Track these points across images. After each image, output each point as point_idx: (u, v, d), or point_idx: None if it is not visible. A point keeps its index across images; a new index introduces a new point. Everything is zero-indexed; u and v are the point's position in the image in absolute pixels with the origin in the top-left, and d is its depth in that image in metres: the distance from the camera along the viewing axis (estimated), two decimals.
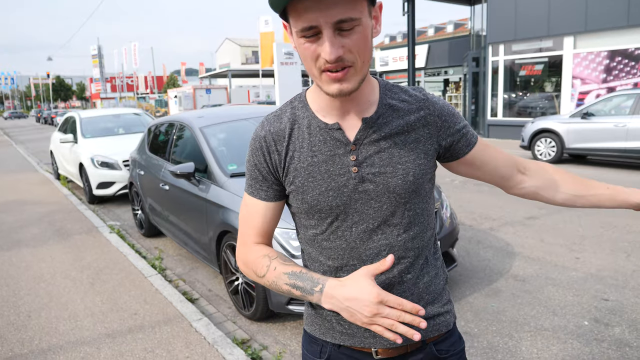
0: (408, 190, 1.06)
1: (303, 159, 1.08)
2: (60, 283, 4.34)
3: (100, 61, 42.10)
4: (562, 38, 13.19)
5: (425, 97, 1.12)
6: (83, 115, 9.48)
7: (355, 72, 0.96)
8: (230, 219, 3.50)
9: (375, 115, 1.06)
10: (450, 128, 1.13)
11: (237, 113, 4.92)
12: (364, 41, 0.93)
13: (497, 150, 1.21)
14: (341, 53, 0.91)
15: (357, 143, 1.05)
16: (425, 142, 1.09)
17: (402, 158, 1.06)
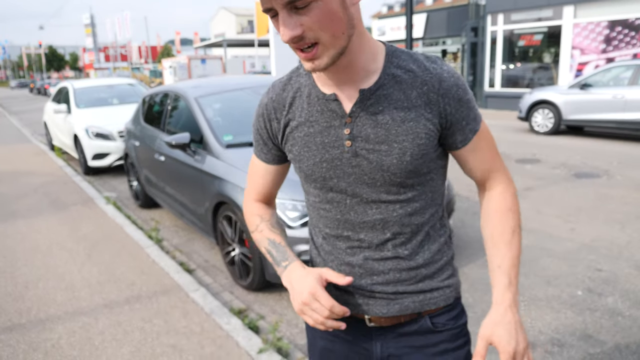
0: (404, 170, 1.01)
1: (300, 129, 1.07)
2: (57, 254, 4.35)
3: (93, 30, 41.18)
4: (562, 7, 12.97)
5: (435, 71, 1.00)
6: (76, 86, 9.33)
7: (325, 48, 0.90)
8: (226, 189, 3.48)
9: (374, 86, 0.99)
10: (452, 115, 1.02)
11: (233, 83, 4.84)
12: (325, 16, 0.87)
13: (483, 155, 1.09)
14: (298, 32, 0.87)
15: (353, 115, 1.01)
16: (427, 122, 1.00)
17: (400, 136, 0.99)
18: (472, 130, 1.05)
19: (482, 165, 1.10)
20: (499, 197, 1.11)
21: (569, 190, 5.75)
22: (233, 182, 3.45)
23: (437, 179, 1.10)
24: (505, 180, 1.13)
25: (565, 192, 5.68)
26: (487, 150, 1.10)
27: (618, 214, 4.83)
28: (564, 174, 6.53)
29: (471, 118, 1.04)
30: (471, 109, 1.04)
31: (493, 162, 1.11)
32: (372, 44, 1.01)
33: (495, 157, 1.12)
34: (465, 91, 1.03)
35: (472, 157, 1.09)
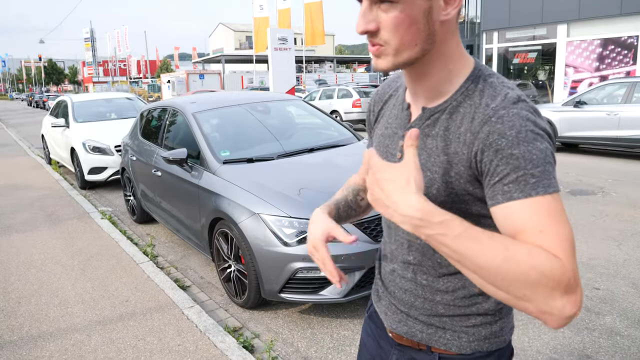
0: None
1: (380, 127, 1.13)
2: (51, 269, 4.31)
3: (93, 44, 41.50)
4: (555, 26, 13.16)
5: (487, 110, 0.88)
6: (75, 100, 9.36)
7: (388, 53, 0.88)
8: (222, 205, 3.48)
9: (435, 108, 0.95)
10: (483, 164, 0.87)
11: (231, 99, 4.86)
12: (402, 21, 0.84)
13: (514, 226, 0.82)
14: (371, 27, 0.87)
15: None
16: (459, 162, 0.91)
17: (434, 166, 0.95)
18: (506, 194, 0.83)
19: (518, 237, 0.83)
20: (544, 252, 0.78)
21: (564, 207, 5.76)
22: (229, 198, 3.44)
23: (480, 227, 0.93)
24: (566, 261, 0.78)
25: None
26: (528, 225, 0.81)
27: (614, 232, 4.84)
28: None
29: (509, 179, 0.83)
30: (514, 168, 0.83)
31: (537, 238, 0.80)
32: (455, 65, 0.95)
33: (548, 238, 0.79)
34: (513, 145, 0.83)
35: (502, 226, 0.85)
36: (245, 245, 3.21)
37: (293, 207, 3.17)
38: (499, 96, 0.89)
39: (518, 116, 0.85)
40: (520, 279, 0.75)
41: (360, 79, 35.72)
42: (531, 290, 0.75)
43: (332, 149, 4.23)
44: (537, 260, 0.75)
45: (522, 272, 0.75)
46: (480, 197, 0.92)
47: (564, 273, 0.75)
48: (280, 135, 4.39)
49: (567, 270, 0.76)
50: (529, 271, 0.75)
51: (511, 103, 0.87)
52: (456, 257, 0.79)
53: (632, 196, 6.14)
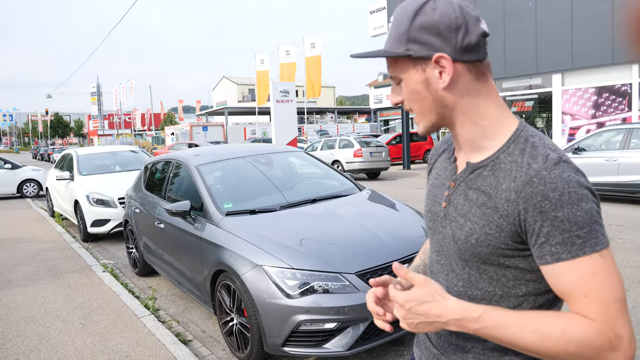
0: (469, 251, 1.03)
1: (432, 177, 1.23)
2: (51, 324, 4.25)
3: (99, 99, 42.58)
4: (550, 75, 13.53)
5: (529, 171, 0.93)
6: (80, 153, 9.53)
7: (418, 118, 1.07)
8: (225, 258, 3.48)
9: (479, 163, 1.04)
10: (528, 223, 0.92)
11: (233, 151, 4.96)
12: (410, 93, 1.04)
13: (565, 286, 0.90)
14: (397, 100, 1.08)
15: (456, 182, 1.09)
16: (501, 218, 0.96)
17: (475, 217, 1.01)
18: (554, 255, 0.89)
19: (565, 297, 0.92)
20: (579, 322, 0.87)
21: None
22: (232, 250, 3.45)
23: (517, 280, 1.00)
24: (603, 324, 0.86)
25: None
26: (574, 289, 0.89)
27: None
28: None
29: (556, 241, 0.89)
30: (560, 230, 0.88)
31: (580, 303, 0.88)
32: (489, 123, 1.03)
33: (590, 303, 0.87)
34: (557, 207, 0.88)
35: (552, 283, 0.93)
36: (248, 297, 3.19)
37: (295, 258, 3.17)
38: (540, 156, 0.94)
39: (560, 178, 0.90)
40: (562, 352, 0.86)
41: (361, 129, 36.31)
42: (576, 358, 0.85)
43: (334, 199, 4.27)
44: (571, 333, 0.85)
45: (561, 347, 0.85)
46: (520, 251, 0.97)
47: (602, 336, 0.84)
48: (282, 186, 4.45)
49: (605, 332, 0.85)
50: (567, 345, 0.85)
51: (553, 164, 0.91)
52: (504, 343, 0.90)
53: (636, 242, 6.10)
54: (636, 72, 11.87)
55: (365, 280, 3.11)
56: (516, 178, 0.95)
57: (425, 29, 0.98)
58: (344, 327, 3.01)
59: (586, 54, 12.57)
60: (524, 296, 1.00)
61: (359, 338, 3.04)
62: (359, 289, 3.05)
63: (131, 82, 43.32)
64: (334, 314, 2.96)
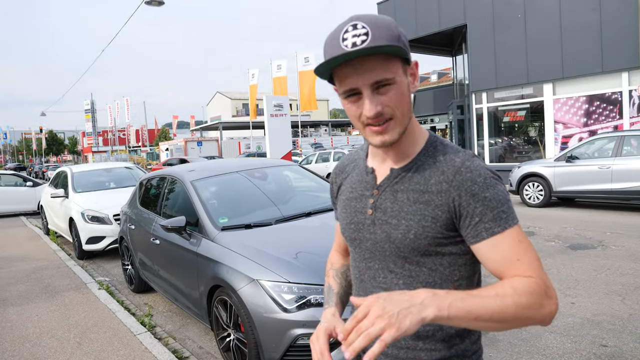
0: (408, 247, 1.09)
1: (345, 193, 1.27)
2: (47, 343, 4.21)
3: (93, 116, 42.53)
4: (541, 85, 13.66)
5: (454, 163, 1.08)
6: (75, 170, 9.51)
7: (396, 124, 1.06)
8: (221, 273, 3.47)
9: (403, 167, 1.13)
10: (462, 207, 1.05)
11: (228, 166, 4.97)
12: (399, 96, 1.04)
13: (502, 258, 1.03)
14: (380, 109, 1.03)
15: (380, 189, 1.16)
16: (436, 208, 1.07)
17: (408, 215, 1.09)
18: (489, 231, 1.03)
19: (501, 266, 1.04)
20: (521, 279, 1.00)
21: (565, 262, 5.74)
22: (228, 265, 3.44)
23: (452, 267, 1.11)
24: (538, 277, 1.01)
25: (562, 264, 5.67)
26: (508, 256, 1.03)
27: (617, 286, 4.80)
28: (558, 246, 6.55)
29: (488, 218, 1.03)
30: (489, 208, 1.03)
31: (516, 266, 1.02)
32: (417, 131, 1.16)
33: (523, 264, 1.02)
34: (484, 189, 1.04)
35: (488, 257, 1.05)
36: (245, 312, 3.18)
37: (292, 272, 3.17)
38: (459, 152, 1.10)
39: (480, 166, 1.07)
40: (518, 307, 0.95)
41: (355, 141, 36.44)
42: (529, 310, 0.96)
43: (329, 212, 4.27)
44: (520, 288, 0.97)
45: (516, 302, 0.95)
46: (453, 238, 1.08)
47: (540, 286, 0.98)
48: (277, 200, 4.45)
49: (541, 284, 0.99)
50: (520, 299, 0.95)
51: (470, 157, 1.09)
52: (469, 318, 0.93)
53: (631, 249, 6.13)
54: (626, 80, 12.02)
55: None
56: (444, 171, 1.08)
57: (403, 36, 1.05)
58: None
59: (576, 63, 12.72)
60: (459, 280, 1.12)
61: None
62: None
63: (126, 99, 43.35)
64: None
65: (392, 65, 1.03)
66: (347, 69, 1.02)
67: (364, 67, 1.01)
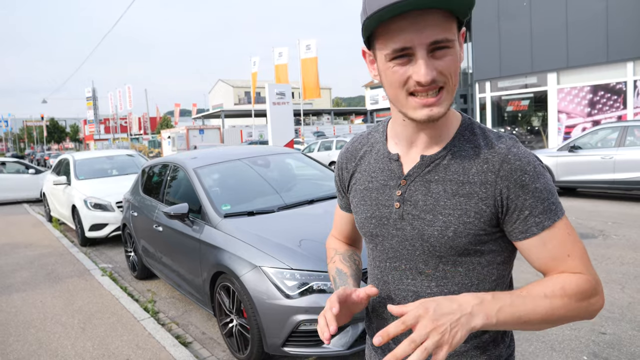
0: (445, 246, 0.97)
1: (361, 182, 1.12)
2: (51, 328, 4.25)
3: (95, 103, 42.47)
4: (545, 74, 13.59)
5: (500, 150, 0.96)
6: (77, 157, 9.52)
7: (448, 95, 0.92)
8: (224, 259, 3.49)
9: (436, 154, 0.99)
10: (510, 200, 0.94)
11: (231, 153, 4.97)
12: (455, 64, 0.90)
13: (552, 255, 0.95)
14: (435, 75, 0.88)
15: (408, 179, 1.02)
16: (479, 202, 0.95)
17: (447, 209, 0.96)
18: (539, 225, 0.94)
19: (551, 263, 0.96)
20: (572, 277, 0.94)
21: None
22: (231, 251, 3.47)
23: (490, 266, 1.01)
24: (588, 274, 0.95)
25: None
26: (559, 252, 0.95)
27: (617, 275, 4.82)
28: None
29: (539, 211, 0.93)
30: (540, 200, 0.93)
31: (566, 263, 0.95)
32: (451, 113, 1.02)
33: (573, 260, 0.95)
34: (535, 179, 0.93)
35: (537, 253, 0.96)
36: (247, 298, 3.20)
37: (294, 258, 3.19)
38: (503, 137, 0.98)
39: (527, 153, 0.96)
40: (569, 309, 0.91)
41: (357, 130, 36.39)
42: (578, 311, 0.92)
43: (331, 199, 4.29)
44: (570, 288, 0.91)
45: (566, 304, 0.90)
46: (494, 234, 0.98)
47: (590, 284, 0.93)
48: (280, 187, 4.47)
49: (591, 280, 0.94)
50: (570, 301, 0.90)
51: (514, 142, 0.98)
52: (519, 322, 0.89)
53: (632, 238, 6.14)
54: (631, 71, 11.95)
55: (363, 279, 3.12)
56: (488, 159, 0.95)
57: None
58: (343, 327, 3.03)
59: (581, 52, 12.64)
60: (496, 280, 1.02)
61: (359, 337, 3.06)
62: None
63: (128, 87, 43.26)
64: None
65: (452, 27, 0.89)
66: (403, 22, 0.86)
67: (424, 22, 0.85)
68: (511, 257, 1.04)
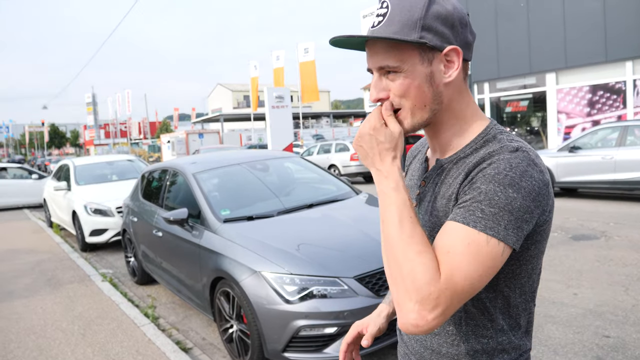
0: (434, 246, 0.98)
1: (407, 180, 1.21)
2: (51, 335, 4.23)
3: (95, 108, 42.53)
4: (544, 75, 13.58)
5: (483, 155, 0.93)
6: (77, 163, 9.52)
7: (405, 116, 0.98)
8: (224, 265, 3.47)
9: (446, 159, 1.03)
10: (461, 193, 0.93)
11: (230, 158, 4.96)
12: (408, 87, 0.95)
13: (439, 241, 0.89)
14: (382, 96, 0.98)
15: (426, 180, 1.09)
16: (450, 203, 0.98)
17: (436, 211, 1.01)
18: (450, 216, 0.91)
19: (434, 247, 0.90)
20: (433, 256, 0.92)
21: (568, 253, 5.74)
22: (230, 257, 3.45)
23: None
24: (443, 277, 0.85)
25: (565, 255, 5.67)
26: (443, 244, 0.88)
27: (620, 276, 4.79)
28: (561, 237, 6.54)
29: (463, 206, 0.89)
30: (472, 199, 0.88)
31: (441, 257, 0.87)
32: (467, 122, 1.02)
33: (448, 257, 0.86)
34: (486, 182, 0.87)
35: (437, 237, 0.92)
36: (247, 304, 3.19)
37: (294, 263, 3.17)
38: (504, 143, 0.94)
39: (507, 162, 0.88)
40: (399, 262, 0.86)
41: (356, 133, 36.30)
42: (397, 278, 0.86)
43: (330, 203, 4.27)
44: (420, 260, 0.85)
45: (402, 257, 0.86)
46: None
47: (429, 286, 0.83)
48: (279, 192, 4.45)
49: (435, 288, 0.83)
50: (405, 262, 0.85)
51: (508, 151, 0.90)
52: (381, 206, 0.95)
53: (634, 239, 6.12)
54: (630, 70, 11.94)
55: (364, 284, 3.11)
56: (469, 163, 0.95)
57: (440, 18, 0.93)
58: (344, 332, 3.01)
59: (579, 52, 12.63)
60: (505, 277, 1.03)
61: None
62: (358, 293, 3.05)
63: (127, 92, 43.30)
64: (333, 318, 2.96)
65: (400, 53, 0.93)
66: (367, 48, 1.00)
67: (373, 50, 0.98)
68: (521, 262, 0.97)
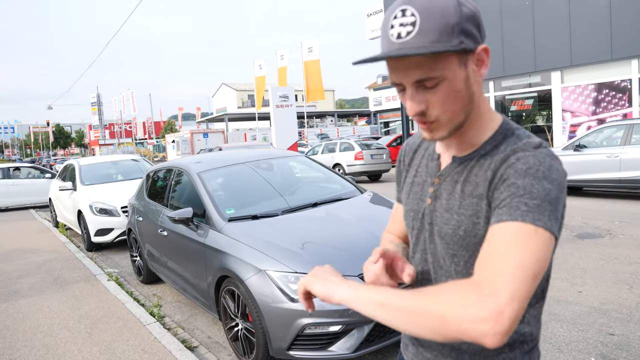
0: (457, 244, 1.00)
1: (410, 176, 1.18)
2: (58, 334, 4.27)
3: (99, 108, 42.70)
4: (549, 73, 13.53)
5: (508, 151, 0.94)
6: (82, 163, 9.58)
7: (439, 126, 0.96)
8: (229, 263, 3.49)
9: (465, 156, 1.02)
10: (495, 192, 0.92)
11: (235, 157, 4.98)
12: (449, 95, 0.92)
13: (495, 248, 0.84)
14: (423, 108, 0.94)
15: (441, 178, 1.07)
16: (485, 203, 0.96)
17: (460, 209, 0.99)
18: (497, 217, 0.87)
19: (487, 256, 0.85)
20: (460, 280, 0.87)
21: (572, 251, 5.72)
22: (235, 255, 3.47)
23: None
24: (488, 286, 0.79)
25: (570, 254, 5.65)
26: (490, 251, 0.84)
27: (624, 274, 4.78)
28: (566, 235, 6.52)
29: (506, 203, 0.87)
30: (513, 195, 0.86)
31: (493, 262, 0.82)
32: (486, 118, 1.03)
33: (492, 266, 0.82)
34: (520, 177, 0.87)
35: (486, 245, 0.87)
36: (252, 302, 3.20)
37: (299, 262, 3.19)
38: (521, 142, 0.95)
39: (534, 157, 0.89)
40: (428, 314, 0.81)
41: (361, 132, 36.32)
42: (442, 332, 0.80)
43: (335, 202, 4.28)
44: (444, 299, 0.81)
45: (427, 309, 0.81)
46: None
47: (471, 287, 0.80)
48: (284, 191, 4.47)
49: (487, 298, 0.76)
50: (435, 309, 0.80)
51: (532, 147, 0.92)
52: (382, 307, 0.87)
53: (639, 237, 6.10)
54: (635, 68, 11.88)
55: None
56: (496, 160, 0.95)
57: (470, 20, 0.91)
58: (348, 330, 3.02)
59: (585, 50, 12.58)
60: None
61: (364, 340, 3.05)
62: None
63: (132, 92, 43.44)
64: (338, 316, 2.98)
65: (441, 61, 0.89)
66: (391, 62, 0.92)
67: (406, 63, 0.90)
68: None
